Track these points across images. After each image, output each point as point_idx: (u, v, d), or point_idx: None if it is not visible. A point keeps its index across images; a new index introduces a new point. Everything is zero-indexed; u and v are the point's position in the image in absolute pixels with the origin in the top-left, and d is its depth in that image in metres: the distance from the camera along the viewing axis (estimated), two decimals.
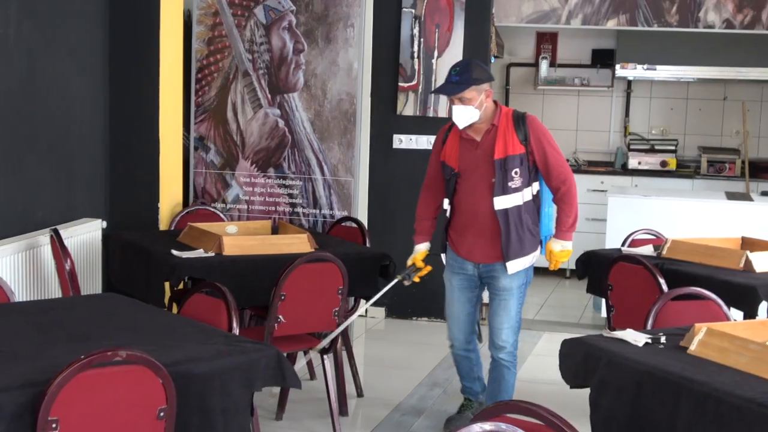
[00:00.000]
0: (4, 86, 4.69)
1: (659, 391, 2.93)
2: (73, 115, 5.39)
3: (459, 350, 4.53)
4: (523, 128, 4.18)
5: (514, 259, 4.19)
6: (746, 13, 8.34)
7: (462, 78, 4.06)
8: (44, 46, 5.04)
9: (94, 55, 5.60)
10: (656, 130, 9.12)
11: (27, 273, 4.70)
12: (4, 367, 2.85)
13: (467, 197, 4.29)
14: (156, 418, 2.82)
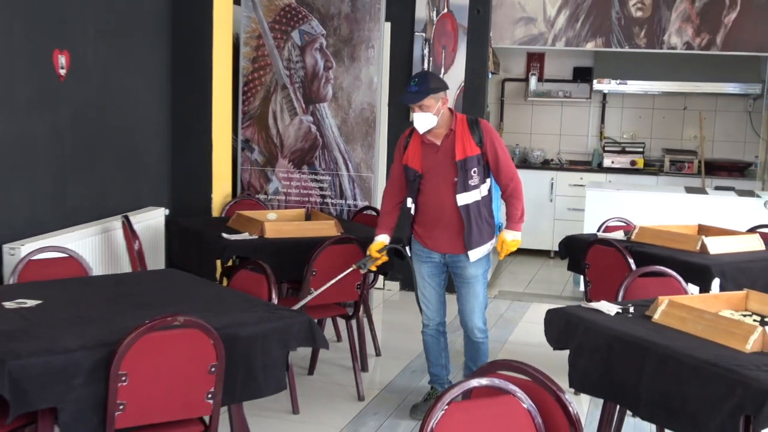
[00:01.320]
0: (83, 97, 4.71)
1: (627, 353, 2.93)
2: (141, 121, 5.40)
3: (432, 330, 4.30)
4: (478, 132, 4.00)
5: (476, 248, 4.03)
6: (703, 37, 8.31)
7: (421, 88, 3.88)
8: (116, 63, 5.04)
9: (158, 71, 5.60)
10: (627, 134, 9.10)
11: (102, 252, 4.72)
12: (82, 330, 2.87)
13: (431, 196, 4.07)
14: (208, 373, 2.83)
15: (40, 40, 4.33)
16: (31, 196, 4.32)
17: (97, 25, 4.81)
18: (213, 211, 5.84)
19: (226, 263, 4.94)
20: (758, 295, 3.37)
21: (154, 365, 2.73)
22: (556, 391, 2.30)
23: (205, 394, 2.85)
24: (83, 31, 4.68)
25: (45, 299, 3.24)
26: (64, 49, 4.51)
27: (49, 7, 4.37)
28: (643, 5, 8.39)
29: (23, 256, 3.80)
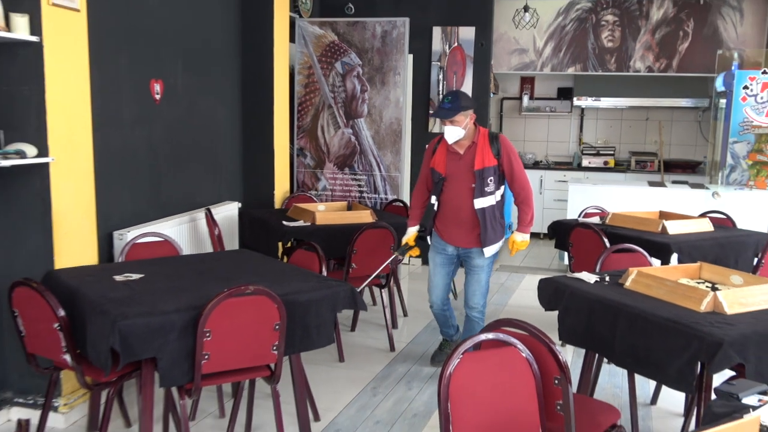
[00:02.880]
0: (174, 115, 4.73)
1: (604, 313, 2.89)
2: (218, 134, 5.41)
3: (437, 310, 4.15)
4: (497, 145, 3.81)
5: (490, 245, 3.86)
6: (662, 62, 8.23)
7: (453, 105, 3.68)
8: (199, 89, 5.06)
9: (232, 95, 5.61)
10: (600, 140, 8.98)
11: (190, 236, 4.75)
12: (175, 297, 2.88)
13: (451, 197, 3.88)
14: (273, 330, 2.84)
15: (141, 72, 4.35)
16: (134, 194, 4.35)
17: (185, 60, 4.82)
18: (275, 204, 5.86)
19: (286, 244, 4.95)
20: (709, 266, 3.32)
21: (232, 324, 2.74)
22: (548, 343, 2.27)
23: (271, 347, 2.86)
24: (174, 65, 4.69)
25: (146, 273, 3.26)
26: (159, 78, 4.53)
27: (148, 46, 4.39)
28: (613, 38, 8.32)
29: (129, 240, 3.82)
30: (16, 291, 2.90)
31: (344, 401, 3.81)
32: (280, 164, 5.92)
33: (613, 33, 8.33)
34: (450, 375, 2.14)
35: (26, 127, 3.32)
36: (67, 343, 2.78)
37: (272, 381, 2.98)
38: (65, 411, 3.48)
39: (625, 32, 8.29)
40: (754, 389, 2.02)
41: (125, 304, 2.74)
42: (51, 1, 3.30)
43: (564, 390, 2.26)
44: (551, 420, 2.29)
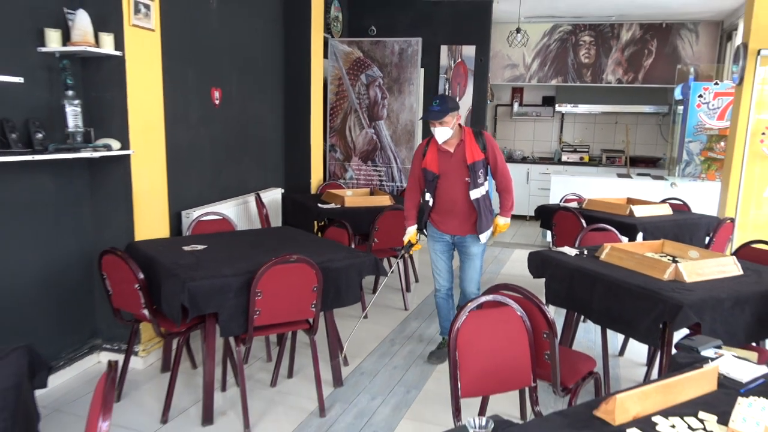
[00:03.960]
0: (230, 117, 4.70)
1: (584, 280, 2.84)
2: (265, 133, 5.39)
3: (443, 294, 3.66)
4: (482, 141, 3.43)
5: (484, 232, 3.48)
6: (630, 75, 8.06)
7: (442, 108, 3.30)
8: (250, 96, 5.03)
9: (276, 101, 5.57)
10: (577, 140, 8.84)
11: (243, 215, 4.74)
12: (233, 263, 2.87)
13: (446, 191, 3.46)
14: (311, 291, 2.81)
15: (203, 81, 4.32)
16: (198, 180, 4.34)
17: (239, 72, 4.78)
18: (311, 190, 5.83)
19: (320, 223, 4.93)
20: (671, 243, 3.25)
21: (278, 285, 2.72)
22: (538, 303, 2.23)
23: (309, 304, 2.84)
24: (230, 76, 4.66)
25: (208, 244, 3.25)
26: (218, 87, 4.50)
27: (209, 60, 4.36)
28: (589, 55, 8.16)
29: (194, 218, 3.82)
30: (104, 258, 2.90)
31: (368, 350, 3.80)
32: (315, 157, 5.89)
33: (589, 51, 8.17)
34: (458, 329, 2.11)
35: (111, 126, 3.31)
36: (145, 300, 2.79)
37: (310, 332, 2.97)
38: (144, 355, 3.51)
39: (599, 50, 8.13)
40: (711, 344, 1.98)
41: (192, 269, 2.74)
42: (132, 22, 3.27)
43: (551, 342, 2.22)
44: (540, 367, 2.26)
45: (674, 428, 1.49)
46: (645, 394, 1.55)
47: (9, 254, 2.94)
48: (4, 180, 2.89)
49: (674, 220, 4.38)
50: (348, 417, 2.95)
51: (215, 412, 2.91)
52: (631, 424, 1.49)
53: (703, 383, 1.68)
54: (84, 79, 3.29)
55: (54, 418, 2.86)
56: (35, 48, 3.00)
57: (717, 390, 1.70)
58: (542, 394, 3.01)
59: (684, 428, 1.49)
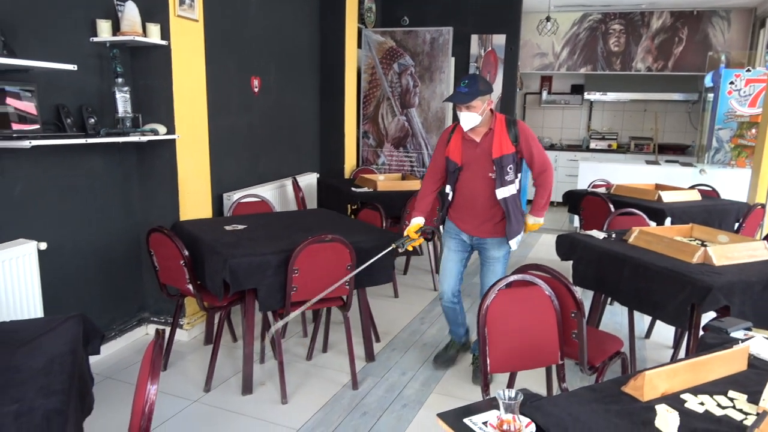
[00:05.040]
0: (268, 105, 4.72)
1: (612, 262, 2.78)
2: (302, 120, 5.39)
3: (447, 302, 3.09)
4: (514, 131, 2.83)
5: (514, 237, 2.92)
6: (659, 63, 7.80)
7: (470, 90, 2.72)
8: (287, 85, 5.03)
9: (312, 89, 5.57)
10: (605, 128, 8.63)
11: (280, 198, 4.77)
12: (271, 242, 2.89)
13: (467, 186, 2.92)
14: (345, 269, 2.81)
15: (243, 70, 4.34)
16: (238, 164, 4.38)
17: (277, 62, 4.79)
18: (345, 175, 5.83)
19: (353, 206, 4.92)
20: (699, 227, 3.14)
21: (314, 264, 2.73)
22: (567, 284, 2.19)
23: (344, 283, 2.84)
24: (268, 66, 4.67)
25: (248, 225, 3.28)
26: (257, 75, 4.52)
27: (249, 50, 4.37)
28: (619, 43, 7.92)
29: (234, 200, 3.86)
30: (152, 236, 2.96)
31: (399, 327, 3.80)
32: (349, 144, 5.88)
33: (619, 39, 7.93)
34: (487, 307, 2.08)
35: (158, 112, 3.35)
36: (190, 276, 2.84)
37: (344, 309, 2.98)
38: (188, 328, 3.58)
39: (629, 38, 7.88)
40: (740, 326, 1.92)
41: (233, 247, 2.77)
42: (177, 13, 3.30)
43: (579, 322, 2.18)
44: (568, 345, 2.22)
45: (703, 405, 1.44)
46: (674, 371, 1.50)
47: (66, 231, 3.03)
48: (61, 162, 2.97)
49: (703, 205, 4.24)
50: (379, 390, 2.96)
51: (254, 382, 2.96)
52: (660, 400, 1.45)
53: (734, 363, 1.62)
54: (133, 67, 3.33)
55: (106, 385, 2.95)
56: (88, 38, 3.05)
57: (747, 370, 1.65)
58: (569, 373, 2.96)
59: (713, 406, 1.44)
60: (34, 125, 2.62)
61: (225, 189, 4.16)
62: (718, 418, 1.39)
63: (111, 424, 2.40)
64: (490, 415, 1.42)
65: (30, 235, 2.77)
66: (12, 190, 2.72)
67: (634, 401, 1.44)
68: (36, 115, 2.63)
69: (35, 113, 2.63)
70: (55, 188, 2.94)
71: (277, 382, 2.94)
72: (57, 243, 2.94)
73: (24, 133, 2.57)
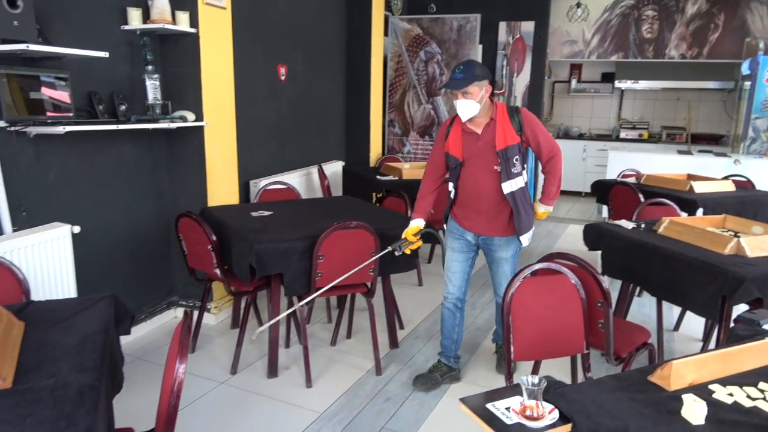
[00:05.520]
0: (295, 93, 4.74)
1: (641, 252, 2.73)
2: (328, 108, 5.41)
3: (450, 303, 2.87)
4: (518, 119, 2.60)
5: (525, 233, 2.70)
6: (694, 50, 7.58)
7: (466, 75, 2.52)
8: (314, 73, 5.05)
9: (338, 78, 5.58)
10: (636, 117, 8.45)
11: (306, 186, 4.80)
12: (297, 228, 2.91)
13: (471, 182, 2.69)
14: (370, 256, 2.81)
15: (270, 58, 4.37)
16: (265, 152, 4.43)
17: (303, 50, 4.80)
18: (370, 163, 5.84)
19: (378, 194, 4.94)
20: (732, 218, 3.06)
21: (339, 250, 2.76)
22: (594, 273, 2.17)
23: (368, 269, 2.86)
24: (295, 53, 4.69)
25: (274, 211, 3.32)
26: (284, 63, 4.54)
27: (276, 38, 4.39)
28: (652, 30, 7.72)
29: (261, 187, 3.90)
30: (181, 221, 3.01)
31: (422, 315, 3.80)
32: (374, 132, 5.88)
33: (652, 26, 7.73)
34: (512, 295, 2.07)
35: (187, 99, 3.40)
36: (217, 261, 2.89)
37: (368, 296, 3.00)
38: (215, 312, 3.65)
39: (663, 25, 7.67)
40: None
41: (260, 233, 2.80)
42: (205, 1, 3.33)
43: (606, 311, 2.15)
44: (594, 335, 2.20)
45: (732, 396, 1.42)
46: (702, 361, 1.48)
47: (97, 215, 3.10)
48: (93, 148, 3.04)
49: (737, 196, 4.12)
50: (402, 376, 2.97)
51: (279, 366, 3.00)
52: (687, 390, 1.43)
53: (765, 354, 1.59)
54: (162, 54, 3.38)
55: (136, 365, 3.03)
56: (119, 26, 3.10)
57: None
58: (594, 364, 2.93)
59: (743, 397, 1.41)
60: (67, 113, 2.69)
61: (251, 176, 4.21)
62: (747, 410, 1.36)
63: (141, 402, 2.46)
64: (513, 401, 1.42)
65: (64, 218, 2.85)
66: (47, 175, 2.80)
67: (661, 390, 1.42)
68: (69, 103, 2.70)
69: (69, 101, 2.70)
70: (87, 173, 3.02)
71: (302, 367, 2.98)
72: (90, 227, 3.02)
73: (58, 119, 2.64)
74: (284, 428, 2.50)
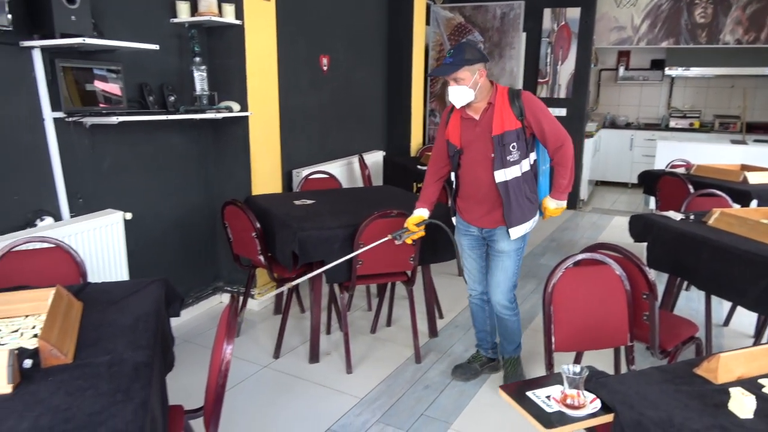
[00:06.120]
0: (337, 83, 4.78)
1: (690, 244, 2.65)
2: (369, 98, 5.43)
3: (475, 298, 2.80)
4: (518, 104, 2.42)
5: (516, 226, 2.50)
6: (750, 35, 7.24)
7: (455, 59, 2.38)
8: (356, 63, 5.07)
9: (380, 67, 5.58)
10: (687, 105, 8.15)
11: (347, 175, 4.84)
12: (338, 217, 2.95)
13: (470, 171, 2.54)
14: (411, 245, 2.82)
15: (313, 49, 4.42)
16: (307, 142, 4.48)
17: (345, 40, 4.83)
18: (411, 153, 5.83)
19: (419, 183, 4.93)
20: None
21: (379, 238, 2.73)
22: (639, 264, 2.12)
23: (409, 258, 2.88)
24: (336, 44, 4.72)
25: (316, 199, 3.37)
26: (326, 54, 4.58)
27: (318, 28, 4.43)
28: (706, 14, 7.40)
29: (303, 176, 3.96)
30: (227, 208, 3.10)
31: (462, 304, 3.80)
32: (415, 122, 5.87)
33: (705, 10, 7.41)
34: (554, 285, 2.06)
35: (232, 89, 3.48)
36: (261, 248, 2.96)
37: (408, 284, 3.02)
38: (259, 298, 3.74)
39: (717, 9, 7.34)
40: None
41: (303, 221, 2.86)
42: None
43: (651, 303, 2.11)
44: (638, 327, 2.16)
45: None
46: (752, 355, 1.44)
47: (148, 203, 3.23)
48: (144, 138, 3.15)
49: None
50: (442, 365, 2.99)
51: (320, 352, 3.06)
52: (735, 383, 1.40)
53: None
54: (209, 46, 3.47)
55: (183, 347, 3.15)
56: (168, 19, 3.20)
57: None
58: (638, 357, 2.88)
59: None
60: (118, 105, 2.80)
61: (294, 165, 4.28)
62: None
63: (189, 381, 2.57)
64: (553, 390, 1.42)
65: (117, 205, 2.98)
66: (101, 164, 2.92)
67: (707, 383, 1.40)
68: (120, 95, 2.80)
69: (120, 94, 2.80)
70: (138, 162, 3.14)
71: (343, 353, 3.03)
72: (140, 213, 3.14)
73: (111, 110, 2.75)
74: (326, 412, 2.56)
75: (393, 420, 2.50)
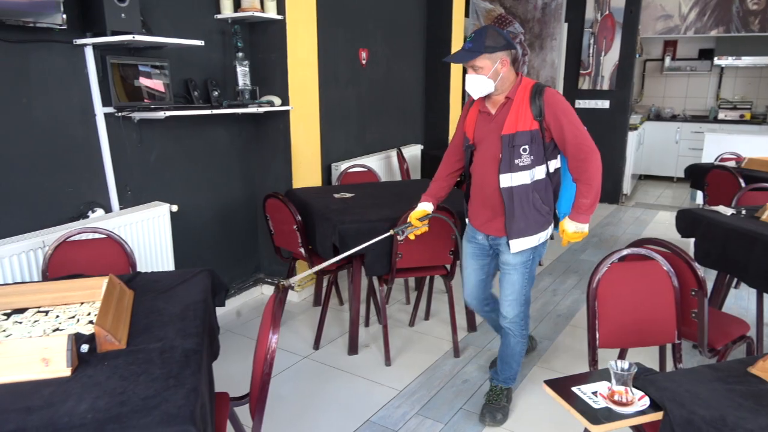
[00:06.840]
0: (375, 77, 4.79)
1: (740, 240, 2.56)
2: (408, 91, 5.41)
3: (476, 311, 2.61)
4: (538, 103, 2.11)
5: (517, 238, 2.23)
6: None
7: (474, 45, 2.10)
8: (394, 56, 5.06)
9: (418, 61, 5.56)
10: (738, 96, 7.84)
11: (385, 169, 4.85)
12: (377, 209, 2.95)
13: (479, 170, 2.29)
14: (450, 238, 2.80)
15: (352, 43, 4.43)
16: (346, 136, 4.51)
17: (384, 34, 4.83)
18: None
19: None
20: None
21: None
22: (688, 260, 2.06)
23: (448, 251, 2.87)
24: (375, 38, 4.72)
25: (356, 193, 3.39)
26: (365, 48, 4.59)
27: (357, 23, 4.45)
28: (759, 0, 7.09)
29: (342, 170, 3.99)
30: (268, 201, 3.15)
31: None
32: (453, 115, 5.82)
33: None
34: (599, 280, 2.02)
35: (274, 84, 3.53)
36: (302, 240, 3.00)
37: (447, 278, 3.01)
38: (299, 290, 3.79)
39: None
40: None
41: (342, 214, 2.88)
42: None
43: (700, 300, 2.05)
44: (686, 325, 2.10)
45: None
46: None
47: (192, 195, 3.31)
48: (188, 132, 3.23)
49: None
50: (480, 360, 2.98)
51: (359, 344, 3.09)
52: None
53: None
54: (251, 41, 3.52)
55: (226, 336, 3.22)
56: (212, 15, 3.26)
57: None
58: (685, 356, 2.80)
59: None
60: (162, 100, 2.87)
61: (333, 159, 4.31)
62: None
63: (233, 369, 2.63)
64: (600, 386, 1.40)
65: (163, 197, 3.07)
66: (149, 157, 3.01)
67: (762, 383, 1.35)
68: (164, 92, 2.88)
69: (163, 90, 2.87)
70: (183, 156, 3.22)
71: (381, 345, 3.05)
72: (185, 205, 3.23)
73: (158, 105, 2.83)
74: (365, 403, 2.58)
75: (431, 413, 2.51)
